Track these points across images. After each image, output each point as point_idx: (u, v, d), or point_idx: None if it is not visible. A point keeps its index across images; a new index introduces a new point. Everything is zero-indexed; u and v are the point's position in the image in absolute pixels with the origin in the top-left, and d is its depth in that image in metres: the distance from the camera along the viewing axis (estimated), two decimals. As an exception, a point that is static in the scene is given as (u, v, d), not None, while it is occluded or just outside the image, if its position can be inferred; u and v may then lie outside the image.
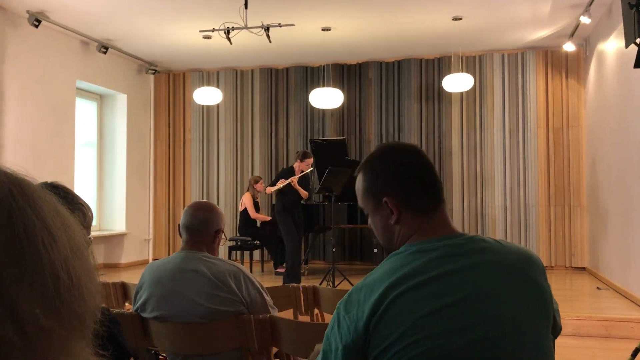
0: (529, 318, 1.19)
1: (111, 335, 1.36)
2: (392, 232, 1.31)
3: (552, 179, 8.17)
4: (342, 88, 8.32)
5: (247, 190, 8.02)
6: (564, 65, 8.19)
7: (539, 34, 7.60)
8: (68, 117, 7.61)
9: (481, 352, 1.13)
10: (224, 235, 2.45)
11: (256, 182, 7.88)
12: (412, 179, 1.30)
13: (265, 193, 7.56)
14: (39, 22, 6.63)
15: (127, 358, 1.44)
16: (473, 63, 8.45)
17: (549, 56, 8.23)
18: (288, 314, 3.05)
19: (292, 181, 6.87)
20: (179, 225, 2.40)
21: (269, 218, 7.92)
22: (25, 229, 0.50)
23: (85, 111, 8.49)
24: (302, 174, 6.99)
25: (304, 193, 7.04)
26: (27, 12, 6.56)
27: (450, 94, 8.33)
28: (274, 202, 7.67)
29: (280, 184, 6.88)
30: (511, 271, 1.22)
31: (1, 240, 0.49)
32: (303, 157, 7.02)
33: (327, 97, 7.56)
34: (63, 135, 7.48)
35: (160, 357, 3.07)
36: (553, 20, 7.06)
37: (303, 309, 3.11)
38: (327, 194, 7.03)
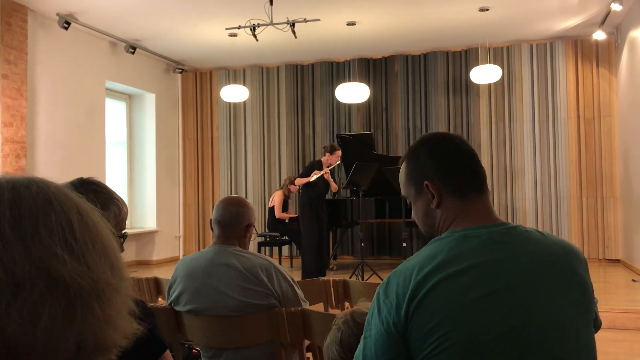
0: (571, 311, 1.18)
1: (149, 327, 1.38)
2: (433, 218, 1.30)
3: (584, 170, 8.03)
4: (368, 82, 8.30)
5: (281, 189, 8.06)
6: (594, 54, 8.03)
7: (568, 23, 7.47)
8: (98, 117, 7.74)
9: (519, 343, 1.12)
10: (255, 230, 2.47)
11: (291, 182, 7.89)
12: (453, 163, 1.30)
13: (295, 185, 7.55)
14: (69, 24, 6.75)
15: (163, 350, 1.47)
16: (501, 54, 8.34)
17: (578, 45, 8.08)
18: (319, 308, 3.06)
19: (326, 172, 6.90)
20: (210, 220, 2.43)
21: (295, 215, 7.95)
22: (93, 220, 0.65)
23: (114, 111, 8.62)
24: (330, 166, 7.01)
25: (334, 186, 7.08)
26: (57, 14, 6.68)
27: (478, 86, 8.24)
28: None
29: (315, 174, 6.89)
30: (554, 263, 1.20)
31: (81, 227, 0.62)
32: (332, 149, 7.04)
33: (353, 92, 7.55)
34: (93, 134, 7.61)
35: (193, 351, 3.12)
36: (582, 9, 6.92)
37: (334, 302, 3.12)
38: (354, 188, 7.02)
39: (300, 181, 7.12)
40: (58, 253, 0.58)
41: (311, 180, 6.92)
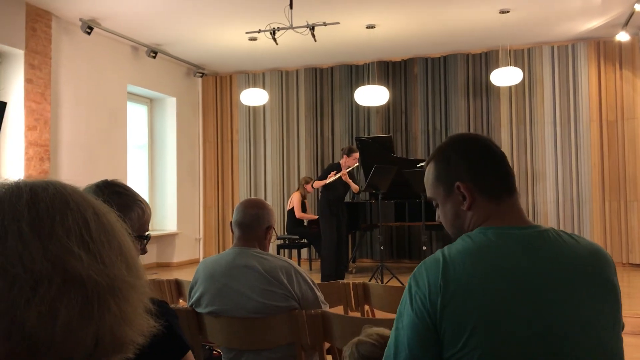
0: (601, 316, 1.17)
1: (171, 328, 1.40)
2: (463, 219, 1.29)
3: (607, 173, 7.93)
4: (387, 85, 8.29)
5: (297, 190, 8.08)
6: (617, 55, 7.93)
7: (591, 24, 7.39)
8: (120, 120, 7.83)
9: (548, 347, 1.11)
10: (275, 232, 2.48)
11: (307, 182, 7.92)
12: (485, 163, 1.29)
13: (313, 187, 7.55)
14: (91, 29, 6.85)
15: (186, 351, 1.48)
16: (521, 56, 8.28)
17: (601, 47, 7.98)
18: (338, 311, 3.06)
19: (343, 174, 6.88)
20: (231, 222, 2.45)
21: (315, 217, 7.95)
22: (109, 220, 0.68)
23: (136, 115, 8.72)
24: (349, 169, 6.99)
25: (354, 187, 7.05)
26: (80, 19, 6.78)
27: (498, 88, 8.19)
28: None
29: (332, 176, 6.88)
30: (584, 267, 1.20)
31: (97, 226, 0.65)
32: (349, 152, 7.02)
33: (372, 95, 7.55)
34: (115, 138, 7.70)
35: (214, 352, 3.14)
36: (605, 10, 6.84)
37: (353, 305, 3.12)
38: (373, 191, 7.01)
39: (318, 184, 7.12)
40: (75, 251, 0.60)
41: (327, 182, 6.91)
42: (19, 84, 6.22)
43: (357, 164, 7.13)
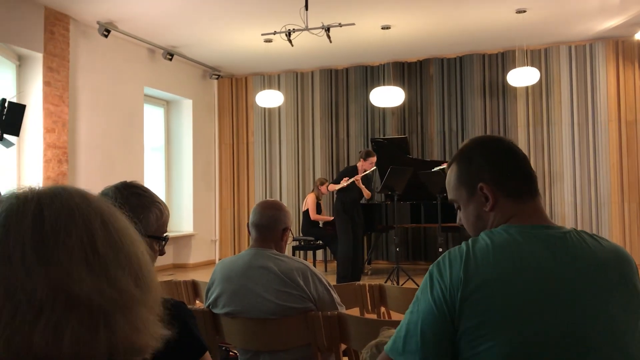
0: (623, 318, 1.15)
1: (188, 328, 1.40)
2: (486, 221, 1.29)
3: (626, 175, 7.83)
4: (402, 86, 8.26)
5: (312, 191, 8.08)
6: (636, 55, 7.83)
7: (609, 23, 7.31)
8: (137, 122, 7.89)
9: (569, 349, 1.10)
10: (291, 233, 2.48)
11: (322, 184, 7.92)
12: (508, 165, 1.29)
13: (328, 190, 7.55)
14: (109, 32, 6.91)
15: (203, 352, 1.48)
16: (538, 56, 8.21)
17: (619, 46, 7.89)
18: (354, 312, 3.05)
19: (356, 179, 6.87)
20: (248, 223, 2.45)
21: (330, 218, 7.94)
22: (117, 228, 0.68)
23: (153, 117, 8.78)
24: (365, 172, 6.98)
25: (366, 192, 7.03)
26: (97, 22, 6.84)
27: (515, 88, 8.13)
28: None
29: (344, 182, 6.88)
30: (607, 270, 1.18)
31: (104, 238, 0.66)
32: (366, 155, 7.01)
33: (387, 96, 7.54)
34: (132, 140, 7.76)
35: (230, 353, 3.14)
36: (624, 8, 6.76)
37: (369, 307, 3.11)
38: (389, 193, 6.99)
39: (332, 187, 7.11)
40: (77, 273, 0.61)
41: (338, 187, 6.89)
42: (37, 87, 6.29)
43: (374, 167, 7.10)
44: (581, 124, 8.02)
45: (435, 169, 6.74)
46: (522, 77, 7.27)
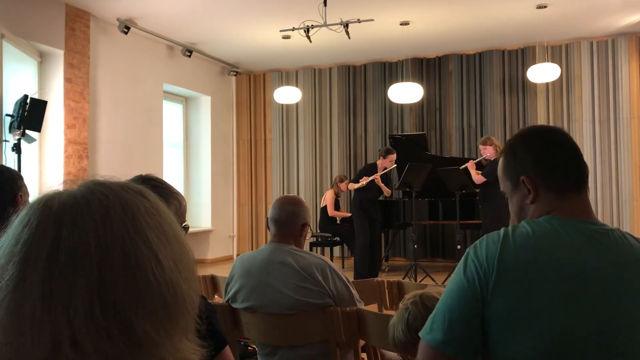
0: None
1: (210, 322, 1.41)
2: (526, 213, 1.30)
3: (648, 172, 7.72)
4: (421, 82, 8.21)
5: (331, 188, 8.08)
6: (659, 50, 7.71)
7: (632, 18, 7.19)
8: (156, 119, 7.95)
9: (600, 347, 1.10)
10: (310, 229, 2.48)
11: (341, 180, 7.90)
12: (551, 158, 1.28)
13: (348, 189, 7.53)
14: (128, 29, 6.96)
15: (223, 346, 1.49)
16: (559, 52, 8.11)
17: (642, 42, 7.78)
18: (373, 309, 3.04)
19: (376, 178, 6.84)
20: (267, 219, 2.46)
21: (348, 214, 7.94)
22: (137, 260, 0.59)
23: (172, 113, 8.83)
24: (385, 170, 6.94)
25: (386, 190, 7.00)
26: (117, 19, 6.90)
27: (535, 85, 8.05)
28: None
29: (364, 180, 6.85)
30: None
31: (118, 273, 0.58)
32: (386, 153, 6.97)
33: (406, 92, 7.50)
34: (152, 136, 7.82)
35: (249, 348, 3.16)
36: (647, 3, 6.66)
37: (388, 304, 3.10)
38: (407, 189, 6.97)
39: (352, 186, 7.06)
40: (86, 326, 0.57)
41: (357, 186, 6.86)
42: (58, 83, 6.36)
43: (394, 165, 7.06)
44: (602, 120, 7.92)
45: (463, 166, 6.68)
46: (542, 73, 7.20)
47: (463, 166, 6.52)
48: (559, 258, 1.14)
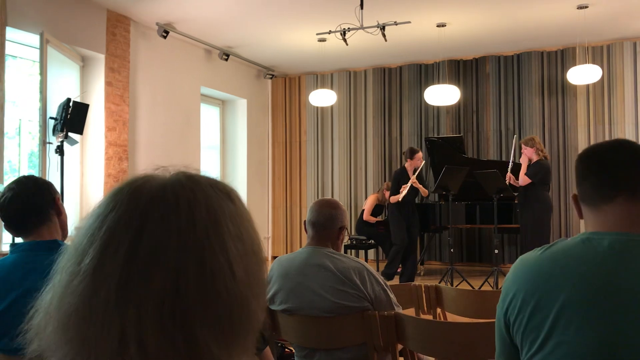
0: None
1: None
2: (585, 227, 1.31)
3: (694, 176, 7.47)
4: (458, 84, 8.13)
5: (376, 193, 8.07)
6: None
7: (677, 18, 7.00)
8: (194, 121, 8.06)
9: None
10: (347, 232, 2.48)
11: (387, 188, 7.78)
12: (587, 173, 1.27)
13: (391, 202, 7.29)
14: (167, 33, 7.08)
15: (264, 347, 1.50)
16: (600, 53, 7.94)
17: (688, 42, 7.55)
18: (409, 313, 3.03)
19: (414, 182, 6.76)
20: (304, 221, 2.47)
21: (379, 219, 7.92)
22: (212, 270, 0.57)
23: (209, 116, 8.94)
24: (417, 170, 6.85)
25: (424, 190, 6.92)
26: (157, 24, 7.02)
27: (575, 86, 7.88)
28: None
29: (404, 189, 6.74)
30: None
31: (192, 280, 0.56)
32: (411, 153, 6.89)
33: (442, 94, 7.44)
34: (190, 138, 7.93)
35: (285, 350, 3.17)
36: (694, 2, 6.46)
37: (425, 308, 3.08)
38: (444, 192, 6.90)
39: (394, 199, 6.83)
40: (147, 326, 0.55)
41: (401, 196, 6.73)
42: (99, 87, 6.51)
43: (423, 161, 6.98)
44: (646, 123, 7.71)
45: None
46: (583, 74, 7.05)
47: (516, 162, 6.56)
48: (577, 274, 1.14)
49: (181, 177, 0.63)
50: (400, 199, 6.78)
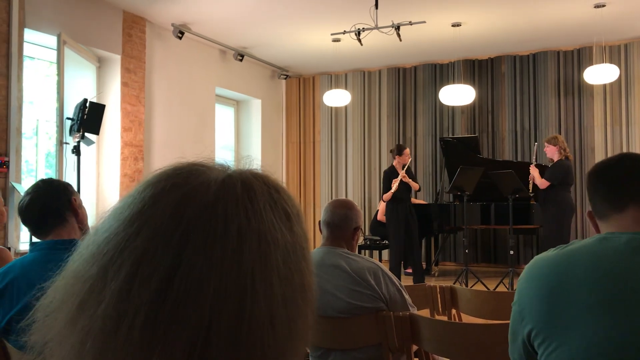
0: None
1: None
2: None
3: None
4: (473, 84, 8.09)
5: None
6: None
7: (696, 16, 6.91)
8: (209, 122, 8.10)
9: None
10: (362, 232, 2.48)
11: None
12: (597, 188, 1.28)
13: (383, 201, 7.29)
14: (182, 33, 7.12)
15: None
16: (617, 53, 7.85)
17: None
18: (424, 314, 3.02)
19: (403, 176, 6.73)
20: (319, 222, 2.47)
21: None
22: (249, 322, 0.48)
23: (223, 116, 8.98)
24: (405, 166, 6.82)
25: (414, 185, 6.86)
26: (172, 25, 7.06)
27: (591, 86, 7.81)
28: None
29: (394, 183, 6.74)
30: None
31: (224, 334, 0.47)
32: (399, 150, 6.86)
33: (457, 94, 7.40)
34: (204, 138, 7.97)
35: (300, 350, 3.17)
36: None
37: (440, 309, 3.07)
38: (458, 193, 6.86)
39: (386, 197, 6.83)
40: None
41: (394, 191, 6.73)
42: (116, 87, 6.56)
43: (410, 158, 6.97)
44: (664, 123, 7.62)
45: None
46: (599, 74, 6.98)
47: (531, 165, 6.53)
48: (593, 269, 1.14)
49: (237, 183, 0.53)
50: (391, 196, 6.76)
